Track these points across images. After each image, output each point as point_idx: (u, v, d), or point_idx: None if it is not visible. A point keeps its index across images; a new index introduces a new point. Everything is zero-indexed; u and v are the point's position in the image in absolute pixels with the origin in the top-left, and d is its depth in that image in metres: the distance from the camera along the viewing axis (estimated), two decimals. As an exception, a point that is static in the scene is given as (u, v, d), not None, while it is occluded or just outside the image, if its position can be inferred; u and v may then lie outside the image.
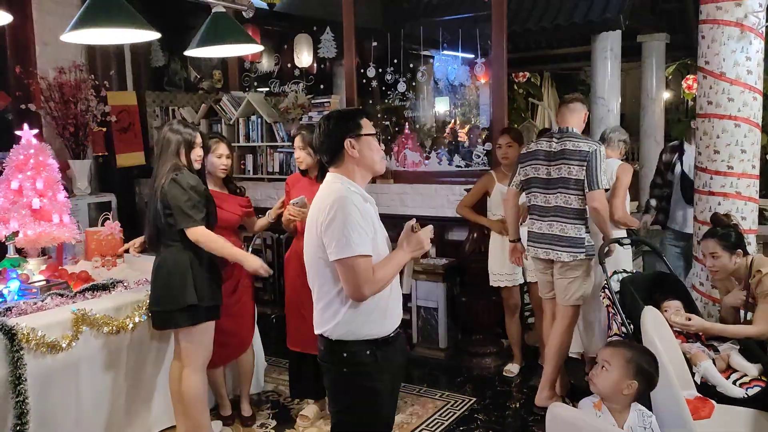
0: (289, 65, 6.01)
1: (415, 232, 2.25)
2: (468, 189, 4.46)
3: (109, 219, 4.00)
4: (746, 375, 2.87)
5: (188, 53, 3.59)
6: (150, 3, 4.51)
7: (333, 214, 2.10)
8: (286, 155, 5.52)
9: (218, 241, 3.02)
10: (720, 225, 3.23)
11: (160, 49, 6.78)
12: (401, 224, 2.30)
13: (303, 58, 6.00)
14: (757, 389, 2.78)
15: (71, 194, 4.88)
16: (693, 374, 2.85)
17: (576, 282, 3.52)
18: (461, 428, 3.58)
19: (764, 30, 3.61)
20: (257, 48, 3.71)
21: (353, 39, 5.27)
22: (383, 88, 5.32)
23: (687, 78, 9.76)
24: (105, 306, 3.11)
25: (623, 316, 3.11)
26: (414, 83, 5.32)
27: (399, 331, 2.32)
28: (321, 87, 5.82)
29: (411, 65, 5.27)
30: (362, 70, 5.26)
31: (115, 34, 3.07)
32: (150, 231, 3.09)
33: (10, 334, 2.71)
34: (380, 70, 5.22)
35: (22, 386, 2.69)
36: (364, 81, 5.26)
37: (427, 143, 6.62)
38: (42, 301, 3.02)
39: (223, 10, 3.52)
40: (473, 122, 6.40)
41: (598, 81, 7.25)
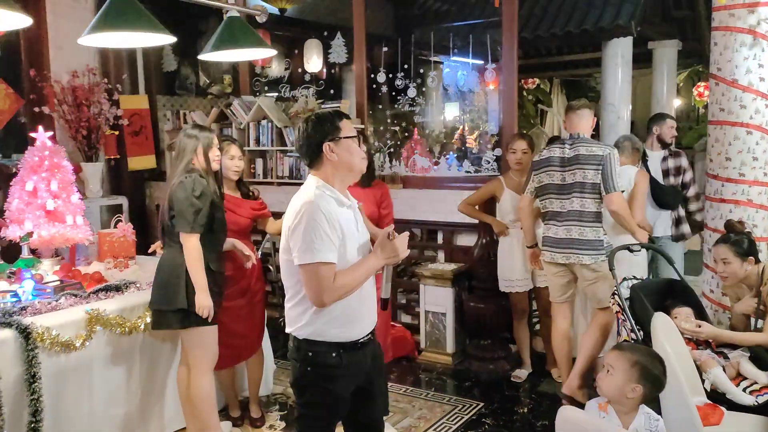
0: (300, 70, 6.04)
1: (391, 240, 2.24)
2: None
3: (122, 221, 4.04)
4: (756, 382, 2.87)
5: (202, 57, 3.61)
6: (161, 8, 4.55)
7: (299, 219, 2.11)
8: (296, 160, 5.54)
9: (196, 263, 2.95)
10: (733, 231, 3.24)
11: (172, 54, 6.84)
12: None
13: (313, 63, 6.03)
14: (767, 397, 2.77)
15: (83, 197, 4.92)
16: (703, 381, 2.85)
17: (605, 281, 3.52)
18: (469, 433, 3.59)
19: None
20: (271, 52, 3.73)
21: (364, 44, 5.30)
22: (393, 94, 5.34)
23: (698, 85, 9.75)
24: (118, 306, 3.14)
25: (633, 323, 3.11)
26: (424, 89, 5.33)
27: (370, 338, 2.31)
28: (331, 92, 5.85)
29: (421, 71, 5.28)
30: (372, 76, 5.29)
31: (132, 38, 3.10)
32: (160, 230, 3.16)
33: (25, 333, 2.74)
34: (390, 76, 5.24)
35: (37, 384, 2.73)
36: (374, 86, 5.29)
37: (437, 149, 6.66)
38: (56, 301, 3.06)
39: (237, 14, 3.55)
40: (482, 128, 6.42)
41: (609, 88, 7.24)
